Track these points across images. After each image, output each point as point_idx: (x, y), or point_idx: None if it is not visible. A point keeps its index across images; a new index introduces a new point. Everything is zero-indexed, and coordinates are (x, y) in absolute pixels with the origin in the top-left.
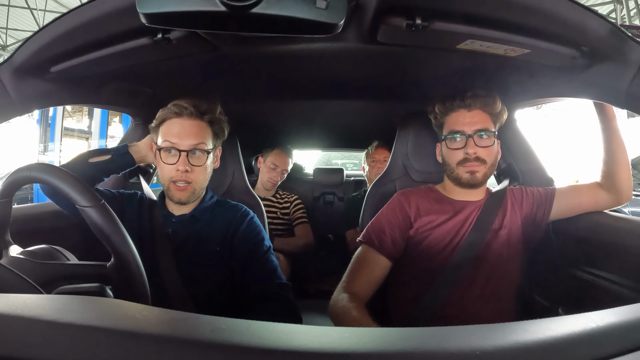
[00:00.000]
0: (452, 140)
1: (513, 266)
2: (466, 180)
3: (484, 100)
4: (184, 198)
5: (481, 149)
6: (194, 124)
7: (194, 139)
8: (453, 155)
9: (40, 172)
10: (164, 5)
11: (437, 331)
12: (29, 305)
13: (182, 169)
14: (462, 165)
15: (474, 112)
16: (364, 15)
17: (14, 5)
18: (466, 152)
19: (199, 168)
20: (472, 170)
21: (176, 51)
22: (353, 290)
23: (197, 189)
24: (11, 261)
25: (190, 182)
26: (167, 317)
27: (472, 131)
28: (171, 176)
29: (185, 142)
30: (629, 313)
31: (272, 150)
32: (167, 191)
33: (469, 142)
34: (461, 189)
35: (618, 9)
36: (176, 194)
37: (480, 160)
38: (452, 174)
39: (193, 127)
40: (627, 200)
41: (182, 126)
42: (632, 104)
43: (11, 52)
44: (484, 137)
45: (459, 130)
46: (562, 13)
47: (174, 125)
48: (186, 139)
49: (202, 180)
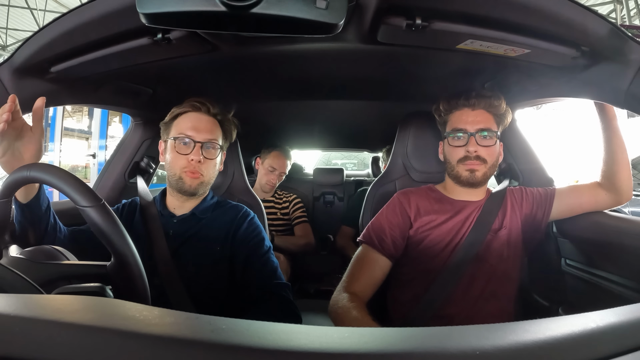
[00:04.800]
0: (454, 138)
1: (513, 266)
2: (465, 178)
3: (488, 101)
4: (194, 185)
5: (482, 148)
6: (210, 120)
7: (210, 133)
8: (454, 153)
9: (41, 172)
10: (164, 5)
11: (437, 331)
12: (29, 305)
13: (196, 158)
14: (462, 163)
15: (478, 111)
16: (364, 15)
17: (14, 5)
18: (467, 150)
19: (210, 162)
20: (471, 168)
21: (176, 51)
22: (353, 290)
23: (206, 182)
24: (11, 261)
25: (201, 174)
26: (167, 317)
27: (475, 130)
28: (183, 165)
29: (202, 135)
30: (629, 313)
31: (270, 152)
32: (177, 181)
33: (470, 140)
34: (461, 187)
35: (618, 9)
36: (187, 181)
37: (481, 159)
38: (452, 172)
39: (209, 123)
40: (627, 200)
41: (199, 120)
42: (632, 104)
43: (11, 52)
44: (486, 137)
45: (462, 128)
46: (562, 13)
47: (191, 119)
48: (203, 132)
49: (211, 174)
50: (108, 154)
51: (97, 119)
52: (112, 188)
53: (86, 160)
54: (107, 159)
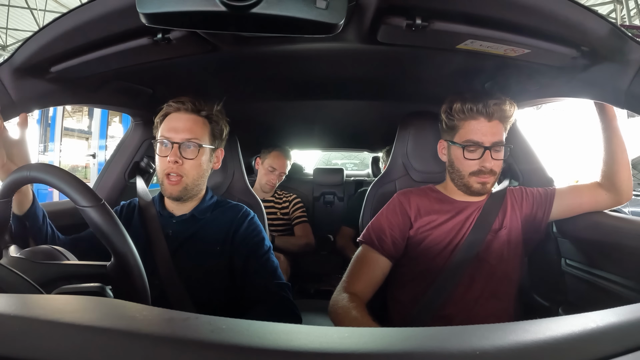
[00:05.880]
0: (468, 150)
1: (513, 266)
2: (477, 190)
3: (504, 109)
4: (175, 193)
5: (495, 162)
6: (189, 118)
7: (188, 132)
8: (467, 165)
9: (40, 172)
10: (164, 5)
11: (437, 331)
12: (29, 305)
13: (172, 159)
14: (475, 176)
15: (494, 122)
16: (364, 15)
17: (14, 5)
18: (483, 165)
19: (190, 162)
20: (484, 181)
21: (176, 51)
22: (353, 290)
23: (189, 184)
24: (11, 261)
25: (181, 176)
26: (167, 317)
27: (490, 143)
28: (164, 169)
29: (179, 135)
30: (629, 313)
31: (270, 152)
32: (161, 186)
33: (485, 155)
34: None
35: (618, 9)
36: (168, 188)
37: (493, 172)
38: (461, 181)
39: (188, 122)
40: (627, 200)
41: (178, 120)
42: (632, 104)
43: (11, 52)
44: (499, 150)
45: (478, 141)
46: (562, 13)
47: (171, 120)
48: (180, 132)
49: (194, 175)
50: (108, 154)
51: (97, 119)
52: (112, 188)
53: (86, 160)
54: (107, 159)
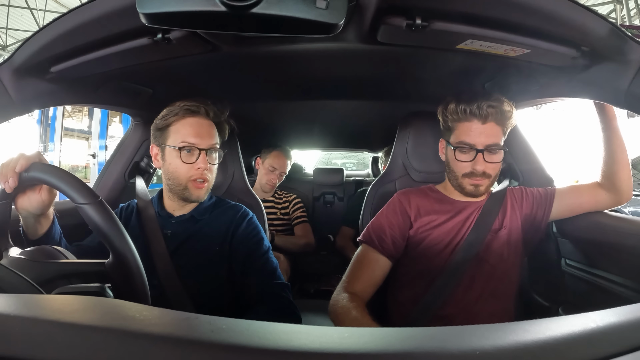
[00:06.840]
0: (461, 151)
1: (513, 266)
2: (469, 191)
3: (500, 111)
4: (202, 195)
5: (489, 165)
6: (209, 123)
7: (212, 138)
8: (460, 166)
9: (39, 171)
10: (164, 5)
11: (437, 331)
12: (29, 305)
13: (204, 166)
14: (467, 177)
15: (488, 125)
16: (364, 15)
17: (14, 5)
18: (474, 167)
19: (214, 167)
20: (476, 184)
21: (176, 51)
22: (353, 290)
23: (210, 186)
24: (11, 261)
25: (207, 180)
26: (167, 317)
27: (483, 146)
28: (190, 175)
29: (205, 141)
30: (629, 313)
31: (270, 152)
32: (183, 191)
33: (478, 158)
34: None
35: (618, 9)
36: (195, 192)
37: (486, 175)
38: (455, 181)
39: (210, 127)
40: (627, 200)
41: (201, 126)
42: (632, 104)
43: (11, 52)
44: (494, 153)
45: (470, 143)
46: (562, 13)
47: (191, 124)
48: (206, 138)
49: (213, 178)
50: (108, 154)
51: (97, 119)
52: (112, 188)
53: (86, 160)
54: (107, 159)
